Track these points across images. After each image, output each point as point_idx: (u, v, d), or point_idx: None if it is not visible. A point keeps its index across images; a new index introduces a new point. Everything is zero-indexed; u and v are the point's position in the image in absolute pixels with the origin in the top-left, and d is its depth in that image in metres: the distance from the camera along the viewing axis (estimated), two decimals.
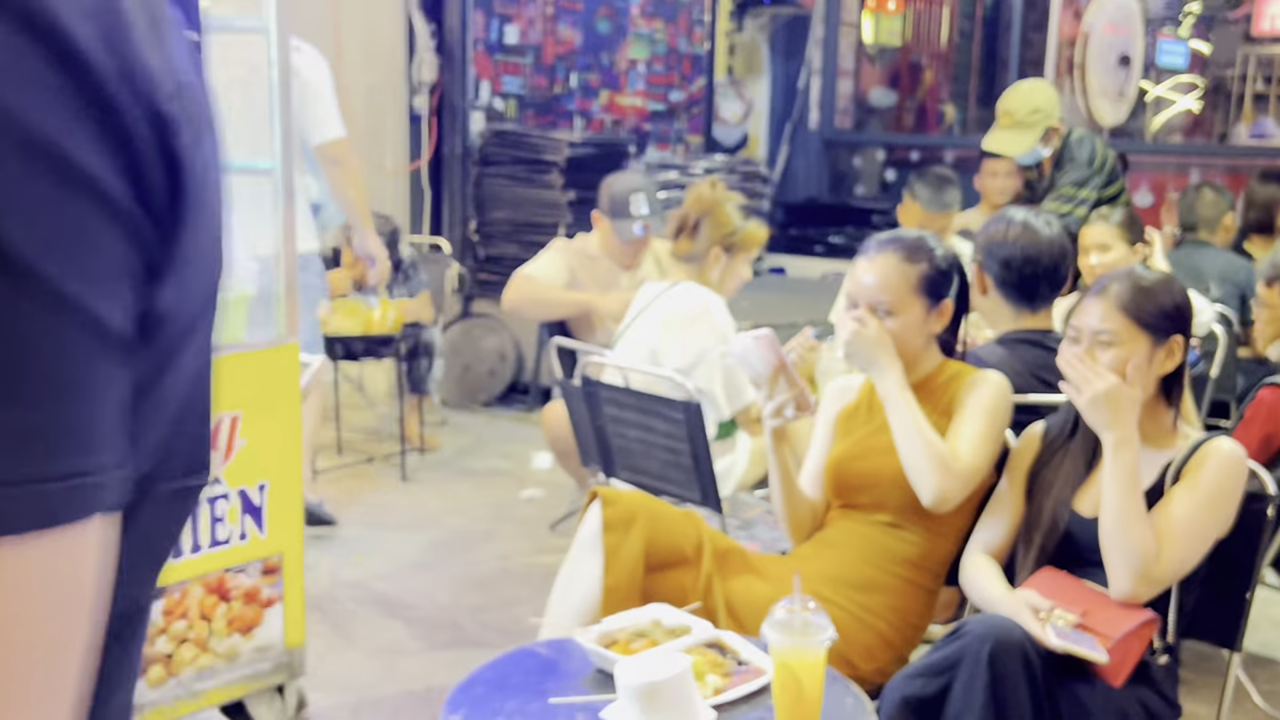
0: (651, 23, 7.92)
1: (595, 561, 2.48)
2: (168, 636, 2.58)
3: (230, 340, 2.67)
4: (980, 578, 2.43)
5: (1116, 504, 2.24)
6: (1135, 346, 2.33)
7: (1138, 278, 2.38)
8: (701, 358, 3.58)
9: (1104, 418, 2.27)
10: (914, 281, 2.56)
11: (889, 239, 2.63)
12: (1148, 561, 2.21)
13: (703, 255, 3.73)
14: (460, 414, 6.33)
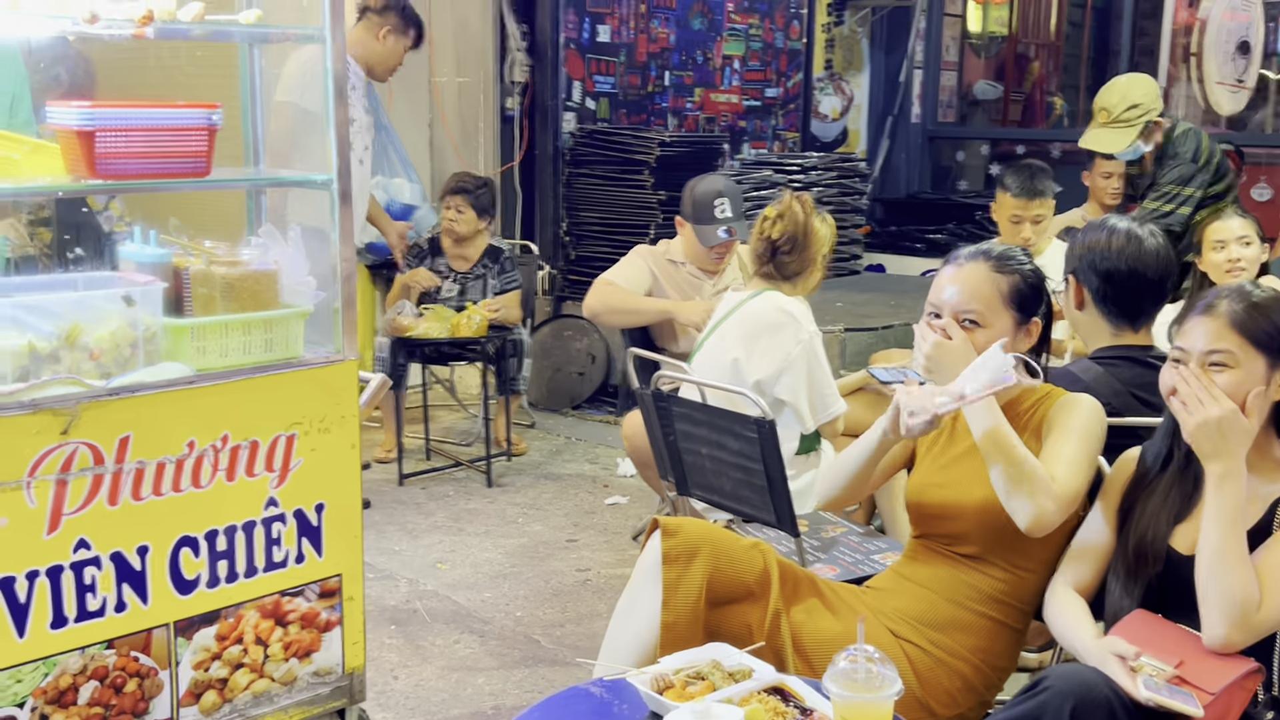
0: (747, 19, 7.77)
1: (654, 595, 2.37)
2: (222, 662, 2.54)
3: (287, 357, 2.61)
4: (1066, 617, 2.26)
5: (1216, 542, 2.06)
6: (1252, 369, 2.14)
7: (1250, 294, 2.19)
8: (786, 367, 3.45)
9: (1212, 446, 2.09)
10: (1005, 292, 2.41)
11: (978, 249, 2.48)
12: (1248, 608, 2.03)
13: (803, 274, 3.61)
14: (549, 417, 6.27)
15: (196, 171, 2.46)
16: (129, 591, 2.39)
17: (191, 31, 2.52)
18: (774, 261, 3.58)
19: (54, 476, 2.26)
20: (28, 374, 2.26)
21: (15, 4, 2.23)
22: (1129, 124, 4.70)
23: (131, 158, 2.36)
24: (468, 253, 5.44)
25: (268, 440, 2.55)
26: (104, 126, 2.31)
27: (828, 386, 3.50)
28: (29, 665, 2.27)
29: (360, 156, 4.60)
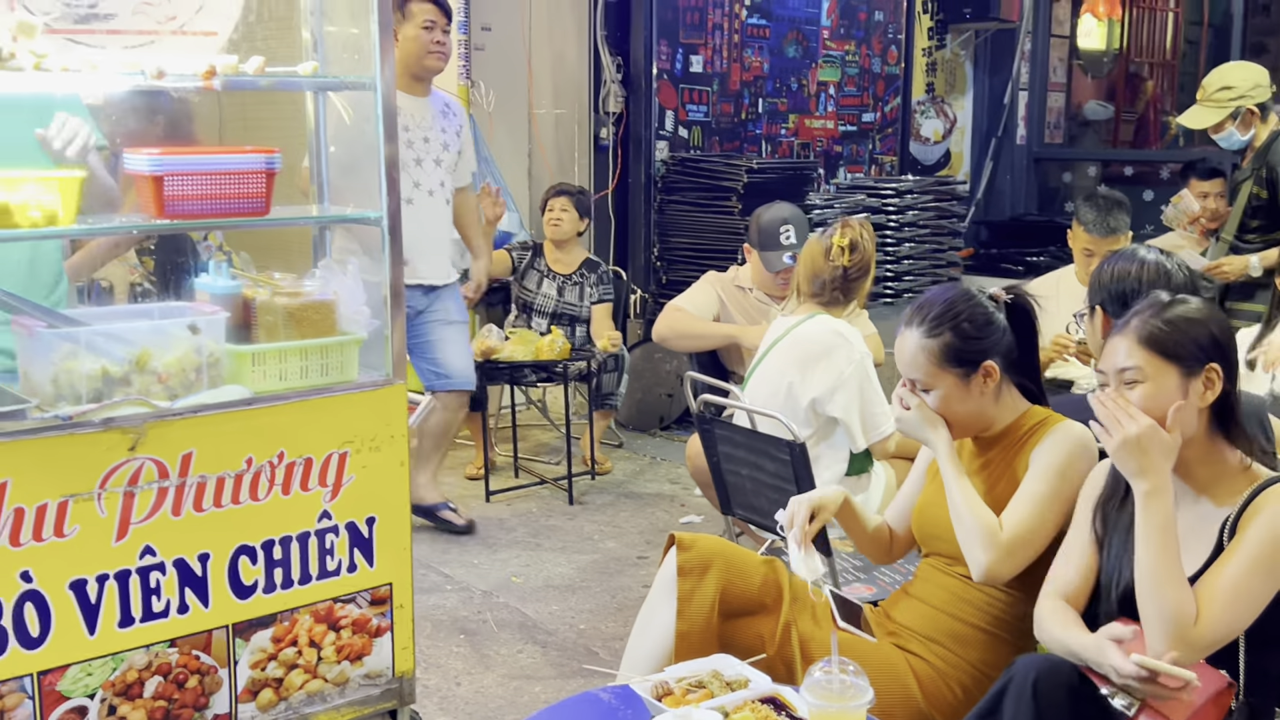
0: (843, 45, 7.86)
1: (669, 607, 2.51)
2: (278, 663, 2.75)
3: (342, 381, 2.82)
4: (1056, 623, 2.26)
5: (1148, 560, 2.08)
6: (1163, 382, 2.14)
7: (1163, 306, 2.19)
8: (839, 386, 3.55)
9: (1135, 464, 2.09)
10: (938, 355, 2.48)
11: (917, 307, 2.54)
12: (1183, 625, 2.04)
13: (854, 299, 3.72)
14: (637, 437, 6.44)
15: (256, 211, 2.69)
16: (191, 595, 2.61)
17: (258, 83, 2.75)
18: (842, 288, 3.69)
19: (123, 489, 2.49)
20: (101, 395, 2.50)
21: (94, 64, 2.48)
22: (1219, 104, 4.78)
23: (196, 199, 2.59)
24: (568, 258, 5.72)
25: (322, 457, 2.76)
26: (171, 171, 2.55)
27: (879, 406, 3.59)
28: (99, 660, 2.51)
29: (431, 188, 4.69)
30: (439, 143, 4.68)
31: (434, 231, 4.67)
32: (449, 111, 4.80)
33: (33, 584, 2.41)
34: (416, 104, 4.63)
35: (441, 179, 4.67)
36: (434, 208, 4.64)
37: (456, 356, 4.81)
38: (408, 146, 4.53)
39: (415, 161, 4.58)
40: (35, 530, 2.39)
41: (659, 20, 6.79)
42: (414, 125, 4.60)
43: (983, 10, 8.51)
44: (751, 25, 7.31)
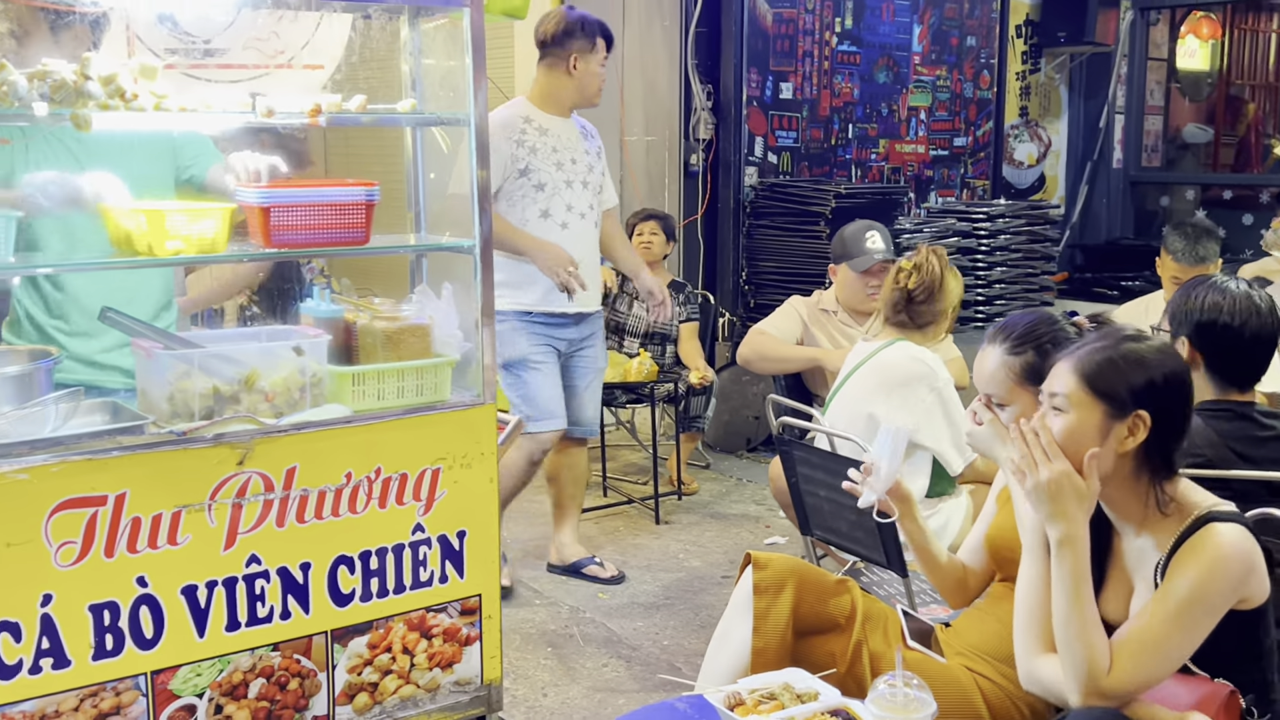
0: (934, 71, 7.89)
1: (745, 624, 2.60)
2: (373, 668, 2.89)
3: (436, 401, 2.97)
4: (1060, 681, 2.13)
5: (1061, 609, 2.05)
6: (1085, 418, 2.10)
7: (1120, 341, 2.14)
8: (923, 418, 3.60)
9: (1046, 510, 2.07)
10: (1018, 373, 2.53)
11: (1001, 327, 2.60)
12: (1095, 676, 2.01)
13: (934, 325, 3.76)
14: (724, 458, 6.53)
15: (356, 240, 2.85)
16: (293, 602, 2.77)
17: (359, 119, 2.92)
18: (907, 311, 3.75)
19: (231, 500, 2.66)
20: (212, 412, 2.67)
21: (209, 104, 2.66)
22: None
23: (300, 229, 2.76)
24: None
25: (416, 473, 2.90)
26: (278, 203, 2.72)
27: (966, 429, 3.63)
28: (207, 662, 2.67)
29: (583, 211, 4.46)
30: (585, 164, 4.47)
31: (587, 255, 4.46)
32: (588, 133, 4.59)
33: (148, 589, 2.58)
34: (564, 125, 4.46)
35: (590, 201, 4.48)
36: (586, 231, 4.46)
37: (595, 406, 4.75)
38: (558, 168, 4.36)
39: (567, 184, 4.38)
40: (151, 538, 2.56)
41: (749, 49, 6.90)
42: (562, 147, 4.40)
43: (1077, 34, 8.49)
44: (842, 52, 7.38)
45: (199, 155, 3.20)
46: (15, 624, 2.43)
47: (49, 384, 2.68)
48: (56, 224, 3.02)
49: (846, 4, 7.36)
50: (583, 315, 4.55)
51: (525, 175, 4.30)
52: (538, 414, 4.42)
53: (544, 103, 4.43)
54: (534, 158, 4.32)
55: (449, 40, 3.06)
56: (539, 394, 4.42)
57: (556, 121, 4.43)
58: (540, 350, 4.44)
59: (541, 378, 4.44)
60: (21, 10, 2.66)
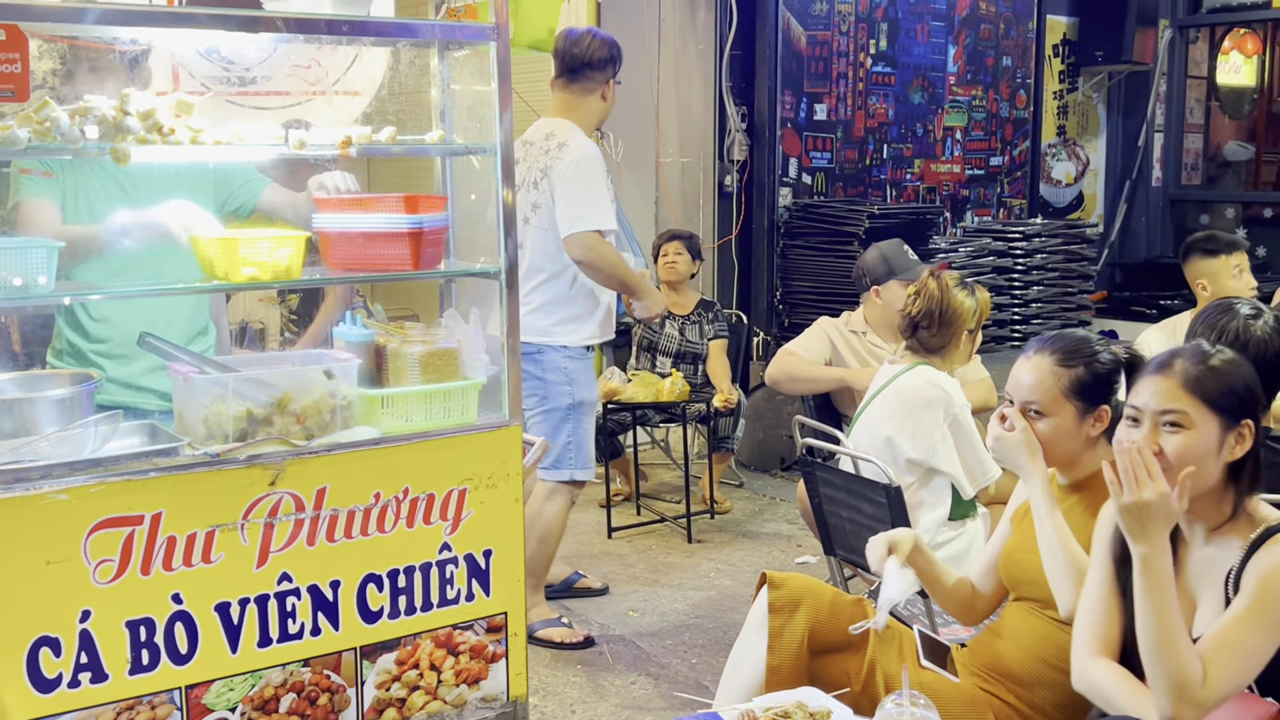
0: (970, 91, 7.92)
1: (760, 642, 2.65)
2: (401, 684, 2.97)
3: (463, 423, 3.04)
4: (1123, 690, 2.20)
5: (1149, 627, 2.07)
6: (1206, 431, 2.13)
7: (1207, 354, 2.19)
8: (939, 442, 3.62)
9: (1139, 527, 2.09)
10: (1066, 385, 2.57)
11: (1050, 339, 2.65)
12: (1190, 688, 2.03)
13: (946, 347, 3.79)
14: (758, 477, 6.57)
15: (403, 265, 2.94)
16: (323, 619, 2.85)
17: (390, 150, 3.01)
18: (915, 336, 3.79)
19: (263, 520, 2.74)
20: (245, 434, 2.76)
21: (243, 137, 2.76)
22: None
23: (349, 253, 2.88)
24: (683, 300, 5.93)
25: (443, 493, 2.98)
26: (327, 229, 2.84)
27: (981, 454, 3.66)
28: (240, 677, 2.76)
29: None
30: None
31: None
32: None
33: (182, 605, 2.67)
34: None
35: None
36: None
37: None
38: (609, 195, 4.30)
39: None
40: (185, 556, 2.65)
41: (784, 70, 6.96)
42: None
43: (1115, 53, 8.49)
44: (876, 73, 7.43)
45: (247, 182, 3.31)
46: (55, 639, 2.53)
47: (90, 407, 2.78)
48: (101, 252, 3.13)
49: (881, 26, 7.41)
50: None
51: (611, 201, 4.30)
52: (587, 462, 4.30)
53: (588, 129, 4.30)
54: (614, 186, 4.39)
55: (477, 68, 3.15)
56: (592, 440, 4.34)
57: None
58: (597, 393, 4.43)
59: (593, 421, 4.37)
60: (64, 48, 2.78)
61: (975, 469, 3.66)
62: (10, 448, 2.60)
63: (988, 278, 7.38)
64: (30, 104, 2.51)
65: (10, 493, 2.47)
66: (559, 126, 4.20)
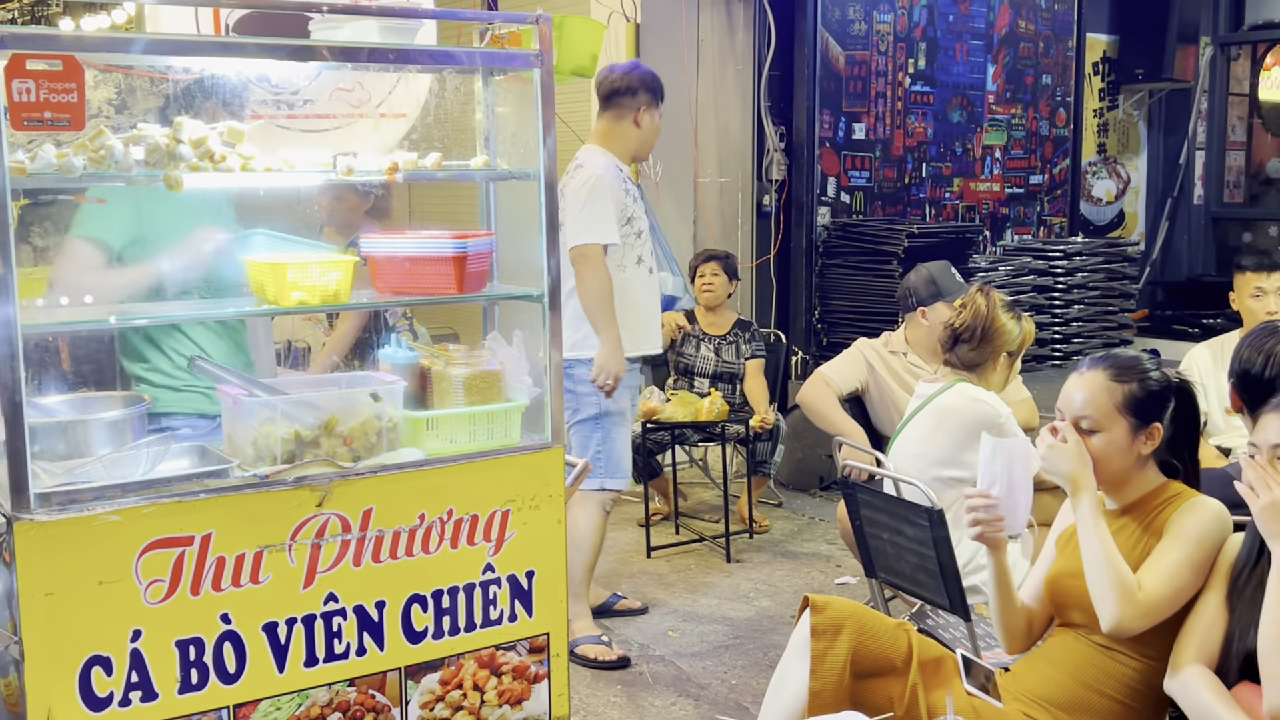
0: (1009, 109, 7.91)
1: (803, 666, 2.66)
2: (445, 704, 2.99)
3: (506, 445, 3.07)
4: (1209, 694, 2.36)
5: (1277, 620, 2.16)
6: None
7: None
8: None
9: (1276, 526, 2.22)
10: (1119, 400, 2.57)
11: (1104, 356, 2.66)
12: None
13: (984, 365, 3.78)
14: (797, 496, 6.57)
15: (447, 289, 2.98)
16: (368, 639, 2.88)
17: (435, 175, 3.05)
18: (954, 350, 3.78)
19: (310, 541, 2.78)
20: (293, 456, 2.80)
21: (292, 164, 2.81)
22: None
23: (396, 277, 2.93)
24: (721, 320, 5.95)
25: (486, 515, 3.01)
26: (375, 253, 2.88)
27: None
28: (287, 696, 2.79)
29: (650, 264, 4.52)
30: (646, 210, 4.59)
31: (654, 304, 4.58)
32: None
33: (231, 625, 2.70)
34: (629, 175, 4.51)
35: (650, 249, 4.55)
36: (653, 280, 4.55)
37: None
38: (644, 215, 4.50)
39: (637, 235, 4.43)
40: (234, 577, 2.69)
41: (821, 90, 6.98)
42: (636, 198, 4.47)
43: (1155, 71, 8.46)
44: (915, 92, 7.43)
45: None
46: (107, 658, 2.57)
47: (141, 429, 2.83)
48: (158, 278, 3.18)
49: (919, 45, 7.42)
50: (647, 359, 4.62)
51: (630, 224, 4.36)
52: (617, 471, 4.38)
53: (621, 154, 4.46)
54: (636, 206, 4.41)
55: (521, 94, 3.18)
56: (624, 449, 4.41)
57: (627, 171, 4.54)
58: (630, 400, 4.47)
59: (626, 431, 4.44)
60: (119, 77, 2.83)
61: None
62: (64, 469, 2.65)
63: (1028, 296, 7.36)
64: (86, 133, 2.56)
65: (64, 514, 2.51)
66: (586, 151, 4.46)
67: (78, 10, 7.84)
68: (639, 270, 4.43)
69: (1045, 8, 8.01)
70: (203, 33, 3.61)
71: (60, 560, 2.51)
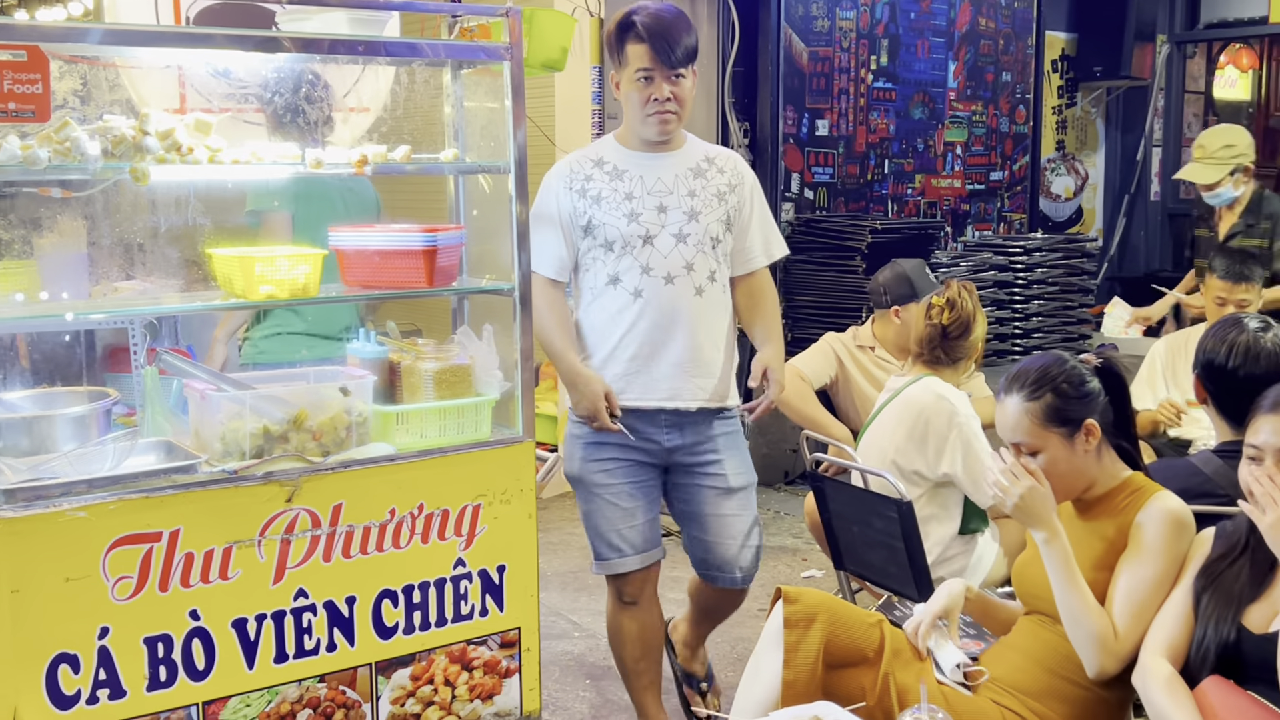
0: (970, 106, 7.96)
1: (776, 657, 2.66)
2: (416, 699, 2.98)
3: (476, 439, 3.06)
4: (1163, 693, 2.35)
5: None
6: None
7: None
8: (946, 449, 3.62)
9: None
10: (1041, 417, 2.56)
11: (1015, 376, 2.64)
12: None
13: (964, 359, 3.80)
14: (762, 491, 6.57)
15: (417, 283, 2.97)
16: (339, 634, 2.86)
17: (404, 169, 3.03)
18: (942, 346, 3.80)
19: (279, 536, 2.76)
20: (262, 451, 2.78)
21: (260, 156, 2.78)
22: (1220, 162, 5.36)
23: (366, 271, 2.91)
24: None
25: (457, 509, 3.00)
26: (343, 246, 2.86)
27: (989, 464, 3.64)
28: (257, 693, 2.77)
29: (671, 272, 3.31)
30: (684, 210, 3.31)
31: (681, 332, 3.31)
32: (712, 166, 3.40)
33: (200, 622, 2.68)
34: (650, 163, 3.34)
35: (690, 258, 3.30)
36: (677, 299, 3.30)
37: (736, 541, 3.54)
38: (631, 220, 3.27)
39: (644, 239, 3.27)
40: (203, 573, 2.67)
41: (785, 87, 7.00)
42: (645, 191, 3.31)
43: (1113, 68, 8.54)
44: (878, 89, 7.47)
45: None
46: (74, 656, 2.54)
47: (107, 424, 2.80)
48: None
49: (882, 42, 7.46)
50: (681, 413, 3.37)
51: (590, 233, 3.29)
52: (600, 549, 3.45)
53: (626, 135, 3.38)
54: (598, 209, 3.28)
55: (490, 87, 3.17)
56: (601, 523, 3.41)
57: (641, 159, 3.33)
58: (603, 467, 3.38)
59: (604, 505, 3.39)
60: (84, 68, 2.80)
61: (983, 479, 3.66)
62: (29, 465, 2.62)
63: (989, 292, 7.42)
64: (51, 124, 2.53)
65: (30, 510, 2.48)
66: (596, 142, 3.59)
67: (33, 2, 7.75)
68: (614, 292, 3.30)
69: (1005, 6, 8.07)
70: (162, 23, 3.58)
71: (26, 557, 2.48)
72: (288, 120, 3.25)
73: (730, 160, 3.45)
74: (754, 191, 3.47)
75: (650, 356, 3.31)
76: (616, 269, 3.30)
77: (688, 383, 3.34)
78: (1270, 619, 2.29)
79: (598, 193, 3.31)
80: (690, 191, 3.34)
